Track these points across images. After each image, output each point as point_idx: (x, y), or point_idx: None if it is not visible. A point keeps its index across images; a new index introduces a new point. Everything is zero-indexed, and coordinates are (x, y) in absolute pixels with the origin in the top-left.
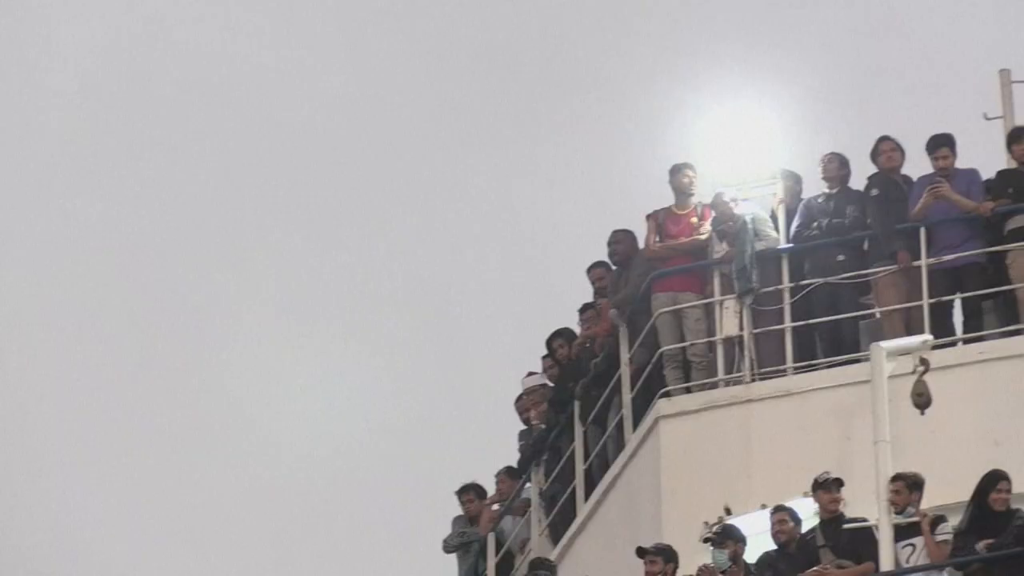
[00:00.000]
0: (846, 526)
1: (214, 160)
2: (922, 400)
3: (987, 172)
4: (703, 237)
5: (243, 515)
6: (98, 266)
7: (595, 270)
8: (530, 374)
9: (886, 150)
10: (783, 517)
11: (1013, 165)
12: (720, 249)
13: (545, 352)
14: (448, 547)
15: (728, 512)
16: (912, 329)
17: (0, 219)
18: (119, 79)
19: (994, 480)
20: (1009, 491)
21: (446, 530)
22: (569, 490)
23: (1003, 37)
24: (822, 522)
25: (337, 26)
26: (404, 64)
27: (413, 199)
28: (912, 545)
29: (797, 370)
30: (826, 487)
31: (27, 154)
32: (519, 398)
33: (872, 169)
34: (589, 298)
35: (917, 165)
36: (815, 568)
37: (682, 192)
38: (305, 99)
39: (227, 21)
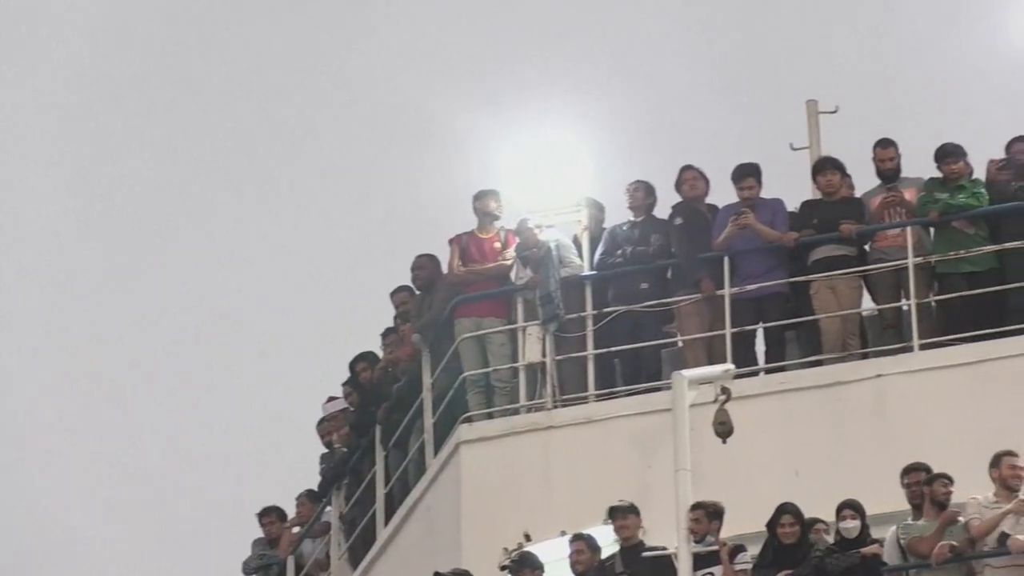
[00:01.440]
0: (645, 554)
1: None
2: (723, 429)
3: (793, 202)
4: (507, 263)
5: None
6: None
7: (398, 294)
8: (331, 399)
9: (689, 179)
10: (580, 547)
11: (818, 196)
12: (524, 275)
13: (348, 376)
14: (248, 569)
15: (528, 538)
16: (714, 358)
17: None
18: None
19: (779, 514)
20: (793, 524)
21: (246, 552)
22: (369, 514)
23: (810, 68)
24: (622, 549)
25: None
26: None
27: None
28: (711, 574)
29: (599, 397)
30: (615, 514)
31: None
32: (321, 421)
33: (678, 198)
34: (392, 322)
35: (724, 194)
36: None
37: (486, 216)
38: None
39: None
